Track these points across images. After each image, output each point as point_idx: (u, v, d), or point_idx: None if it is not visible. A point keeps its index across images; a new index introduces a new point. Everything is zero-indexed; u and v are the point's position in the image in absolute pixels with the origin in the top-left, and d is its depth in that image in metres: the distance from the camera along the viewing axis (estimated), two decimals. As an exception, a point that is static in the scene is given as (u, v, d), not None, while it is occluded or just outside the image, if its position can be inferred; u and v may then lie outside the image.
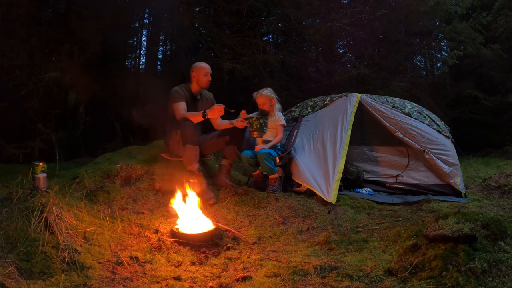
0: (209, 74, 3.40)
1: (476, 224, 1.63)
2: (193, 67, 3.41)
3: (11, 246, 1.67)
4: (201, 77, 3.36)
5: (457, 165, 3.66)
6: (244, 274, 1.78)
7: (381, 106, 3.77)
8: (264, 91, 3.51)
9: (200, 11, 7.41)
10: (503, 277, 1.43)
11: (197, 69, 3.38)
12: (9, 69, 4.80)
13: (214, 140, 3.43)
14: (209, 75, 3.39)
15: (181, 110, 3.21)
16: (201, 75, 3.36)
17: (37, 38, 5.14)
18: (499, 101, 8.10)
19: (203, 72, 3.36)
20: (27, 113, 5.01)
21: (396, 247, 1.92)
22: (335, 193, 3.08)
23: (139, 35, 9.10)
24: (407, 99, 4.58)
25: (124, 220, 2.36)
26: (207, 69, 3.39)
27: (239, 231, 2.48)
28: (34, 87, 5.02)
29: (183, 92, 3.34)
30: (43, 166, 2.22)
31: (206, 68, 3.39)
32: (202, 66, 3.40)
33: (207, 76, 3.37)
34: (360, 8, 6.59)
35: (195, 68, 3.39)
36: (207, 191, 3.07)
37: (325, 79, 7.19)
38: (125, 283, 1.70)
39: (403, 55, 8.13)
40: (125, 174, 3.14)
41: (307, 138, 3.68)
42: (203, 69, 3.37)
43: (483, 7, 7.92)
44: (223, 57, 6.48)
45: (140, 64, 9.24)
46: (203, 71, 3.36)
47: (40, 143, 5.00)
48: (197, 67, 3.39)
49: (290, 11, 6.85)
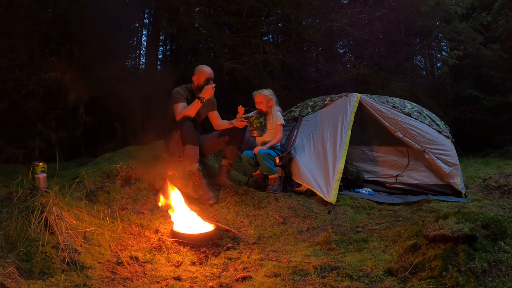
0: (211, 80, 3.29)
1: (476, 224, 1.64)
2: (196, 70, 3.34)
3: (11, 246, 1.67)
4: (201, 82, 3.29)
5: (457, 165, 3.66)
6: (244, 274, 1.78)
7: (381, 106, 3.77)
8: (263, 90, 3.50)
9: (200, 11, 7.40)
10: (503, 277, 1.43)
11: (198, 72, 3.32)
12: (9, 69, 4.79)
13: (214, 140, 3.43)
14: (212, 82, 3.28)
15: (180, 109, 3.20)
16: (201, 80, 3.29)
17: (37, 38, 5.13)
18: (499, 101, 8.10)
19: (204, 77, 3.29)
20: (27, 113, 5.01)
21: (396, 247, 1.92)
22: (335, 193, 3.09)
23: (139, 35, 9.11)
24: (407, 99, 4.58)
25: (124, 220, 2.36)
26: (207, 74, 3.31)
27: (239, 231, 2.48)
28: (34, 87, 5.01)
29: (184, 92, 3.31)
30: (43, 166, 2.22)
31: (207, 73, 3.31)
32: (203, 70, 3.32)
33: (207, 81, 3.27)
34: (360, 8, 6.58)
35: (197, 72, 3.33)
36: (207, 191, 3.07)
37: (325, 79, 7.19)
38: (125, 283, 1.70)
39: (403, 55, 8.13)
40: (125, 174, 3.14)
41: (307, 138, 3.68)
42: (204, 73, 3.31)
43: (483, 7, 7.92)
44: (223, 57, 6.48)
45: (140, 64, 9.25)
46: (204, 76, 3.29)
47: (40, 143, 5.00)
48: (199, 71, 3.32)
49: (290, 11, 6.84)
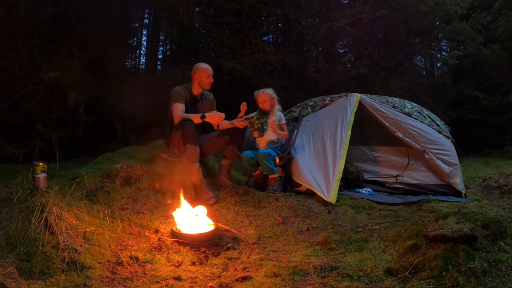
0: (211, 76, 3.37)
1: (476, 224, 1.63)
2: (195, 68, 3.37)
3: (11, 246, 1.67)
4: (203, 79, 3.34)
5: (457, 165, 3.66)
6: (244, 274, 1.78)
7: (381, 106, 3.77)
8: (265, 89, 3.54)
9: (200, 11, 7.41)
10: (503, 277, 1.43)
11: (199, 70, 3.35)
12: (9, 69, 4.80)
13: (214, 140, 3.42)
14: (211, 77, 3.36)
15: (179, 111, 3.20)
16: (203, 77, 3.33)
17: (37, 38, 5.14)
18: (499, 101, 8.11)
19: (205, 74, 3.33)
20: (27, 113, 5.02)
21: (396, 247, 1.91)
22: (335, 193, 3.08)
23: (139, 35, 9.12)
24: (407, 99, 4.58)
25: (124, 220, 2.36)
26: (209, 71, 3.36)
27: (239, 231, 2.48)
28: (34, 87, 5.02)
29: (183, 92, 3.32)
30: (43, 166, 2.22)
31: (208, 70, 3.36)
32: (204, 67, 3.36)
33: (209, 78, 3.35)
34: (360, 8, 6.59)
35: (197, 69, 3.36)
36: (207, 191, 3.07)
37: (325, 79, 7.20)
38: (125, 283, 1.70)
39: (403, 55, 8.14)
40: (125, 174, 3.14)
41: (307, 138, 3.68)
42: (206, 71, 3.34)
43: (483, 7, 7.92)
44: (223, 57, 6.49)
45: (140, 64, 9.26)
46: (205, 73, 3.33)
47: (40, 143, 5.00)
48: (199, 68, 3.36)
49: (290, 11, 6.85)
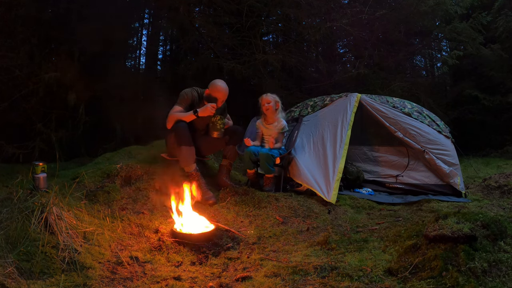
0: (222, 102, 3.21)
1: (476, 224, 1.63)
2: (211, 85, 3.20)
3: (11, 246, 1.67)
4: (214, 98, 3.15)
5: (457, 165, 3.66)
6: (244, 274, 1.78)
7: (381, 106, 3.77)
8: (270, 94, 3.59)
9: (200, 11, 7.40)
10: (503, 277, 1.43)
11: (215, 90, 3.17)
12: (9, 69, 4.80)
13: (214, 140, 3.42)
14: (220, 102, 3.19)
15: (172, 112, 3.11)
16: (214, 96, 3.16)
17: (37, 38, 5.14)
18: (499, 101, 8.11)
19: (217, 96, 3.16)
20: (27, 113, 5.02)
21: (396, 247, 1.92)
22: (335, 193, 3.09)
23: (139, 35, 9.12)
24: (407, 99, 4.58)
25: (124, 220, 2.36)
26: (222, 97, 3.18)
27: (239, 231, 2.48)
28: (34, 87, 5.02)
29: (191, 95, 3.20)
30: (43, 166, 2.22)
31: (222, 95, 3.18)
32: (219, 90, 3.16)
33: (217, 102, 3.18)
34: (360, 8, 6.58)
35: (213, 87, 3.18)
36: (206, 191, 3.07)
37: (325, 79, 7.20)
38: (125, 283, 1.70)
39: (403, 55, 8.13)
40: (125, 174, 3.14)
41: (307, 138, 3.68)
42: (220, 94, 3.16)
43: (483, 7, 7.92)
44: (223, 57, 6.48)
45: (140, 64, 9.26)
46: (218, 96, 3.16)
47: (40, 143, 5.00)
48: (215, 88, 3.17)
49: (290, 11, 6.84)
